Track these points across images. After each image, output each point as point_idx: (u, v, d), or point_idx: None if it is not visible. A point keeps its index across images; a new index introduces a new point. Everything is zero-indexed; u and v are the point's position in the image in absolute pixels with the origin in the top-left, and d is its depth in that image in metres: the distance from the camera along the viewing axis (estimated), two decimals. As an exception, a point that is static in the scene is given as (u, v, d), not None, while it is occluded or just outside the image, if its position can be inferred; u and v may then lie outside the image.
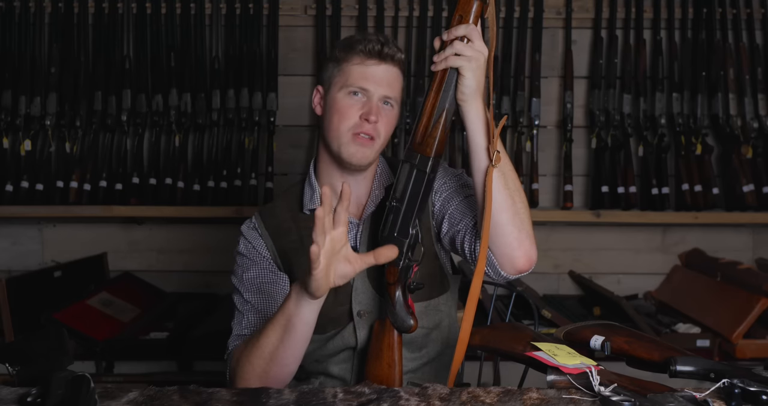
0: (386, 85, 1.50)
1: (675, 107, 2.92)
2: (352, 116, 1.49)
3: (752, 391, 1.08)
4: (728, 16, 2.95)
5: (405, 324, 1.43)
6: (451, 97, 1.36)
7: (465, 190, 1.56)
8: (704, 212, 2.85)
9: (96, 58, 2.89)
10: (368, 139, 1.50)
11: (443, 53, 1.35)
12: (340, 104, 1.50)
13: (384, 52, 1.50)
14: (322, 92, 1.56)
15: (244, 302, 1.54)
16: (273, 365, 1.37)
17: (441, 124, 1.37)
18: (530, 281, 2.94)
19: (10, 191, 2.78)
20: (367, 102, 1.49)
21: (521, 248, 1.40)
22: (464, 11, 1.35)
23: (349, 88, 1.49)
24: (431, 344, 1.58)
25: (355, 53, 1.50)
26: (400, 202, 1.41)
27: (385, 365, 1.44)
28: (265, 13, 2.92)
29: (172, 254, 3.04)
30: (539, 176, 2.89)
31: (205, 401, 1.16)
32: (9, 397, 1.17)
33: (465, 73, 1.33)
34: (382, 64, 1.50)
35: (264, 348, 1.37)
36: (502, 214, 1.38)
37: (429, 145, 1.38)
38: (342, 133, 1.49)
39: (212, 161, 2.85)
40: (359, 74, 1.49)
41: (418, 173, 1.40)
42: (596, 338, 1.31)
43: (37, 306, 2.48)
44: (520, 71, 2.93)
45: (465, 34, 1.33)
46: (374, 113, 1.48)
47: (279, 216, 1.59)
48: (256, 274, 1.55)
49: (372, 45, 1.49)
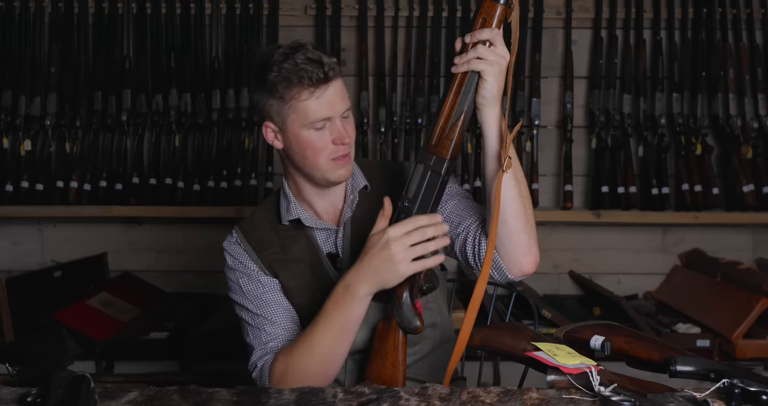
0: (341, 101, 1.47)
1: (675, 107, 2.92)
2: (327, 146, 1.47)
3: (752, 391, 1.08)
4: (728, 16, 2.95)
5: (412, 325, 1.43)
6: (470, 101, 1.36)
7: (459, 193, 1.57)
8: (704, 212, 2.85)
9: (96, 58, 2.89)
10: (345, 156, 1.50)
11: (465, 56, 1.33)
12: (310, 141, 1.46)
13: (327, 73, 1.43)
14: (275, 128, 1.49)
15: (254, 316, 1.54)
16: (330, 364, 1.43)
17: (459, 127, 1.36)
18: (530, 281, 2.94)
19: (10, 191, 2.78)
20: (334, 128, 1.47)
21: (531, 253, 1.43)
22: (488, 15, 1.33)
23: (313, 125, 1.45)
24: (424, 341, 1.59)
25: (300, 88, 1.43)
26: (412, 203, 1.41)
27: (389, 365, 1.45)
28: (265, 13, 2.92)
29: (172, 254, 3.04)
30: (539, 176, 2.89)
31: (205, 401, 1.16)
32: (9, 397, 1.17)
33: (487, 77, 1.33)
34: (331, 85, 1.45)
35: (320, 349, 1.42)
36: (516, 222, 1.39)
37: (445, 147, 1.37)
38: (322, 165, 1.48)
39: (212, 161, 2.85)
40: (316, 108, 1.44)
41: (432, 175, 1.39)
42: (596, 338, 1.31)
43: (37, 306, 2.48)
44: (520, 71, 2.93)
45: (489, 39, 1.32)
46: (344, 134, 1.47)
47: (259, 229, 1.60)
48: (254, 286, 1.56)
49: (314, 73, 1.42)
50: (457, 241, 1.50)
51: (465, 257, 1.50)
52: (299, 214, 1.55)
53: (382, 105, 2.91)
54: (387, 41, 2.95)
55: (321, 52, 1.45)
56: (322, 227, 1.56)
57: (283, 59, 1.43)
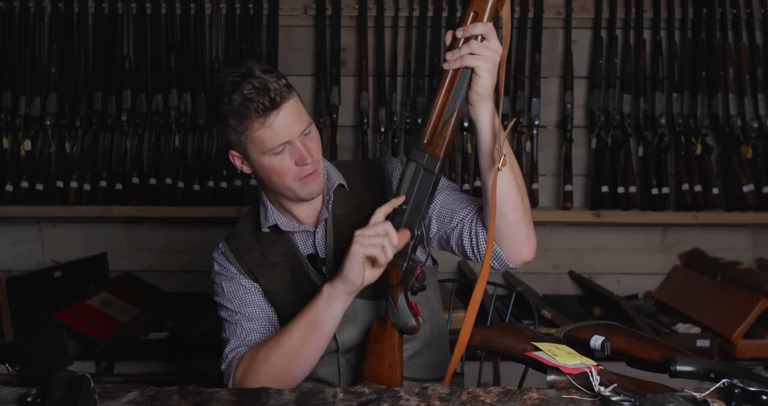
0: (296, 122, 1.44)
1: (675, 107, 2.92)
2: (290, 169, 1.46)
3: (752, 391, 1.09)
4: (728, 16, 2.95)
5: (408, 325, 1.43)
6: (463, 98, 1.33)
7: (447, 186, 1.57)
8: (704, 212, 2.85)
9: (96, 58, 2.89)
10: (312, 174, 1.49)
11: (458, 52, 1.30)
12: (273, 166, 1.45)
13: (274, 99, 1.40)
14: (240, 156, 1.49)
15: (234, 313, 1.57)
16: (295, 364, 1.43)
17: (451, 125, 1.35)
18: (530, 281, 2.94)
19: (10, 191, 2.78)
20: (294, 150, 1.45)
21: (530, 242, 1.44)
22: (479, 8, 1.30)
23: (272, 151, 1.43)
24: (414, 338, 1.58)
25: (250, 120, 1.40)
26: (406, 202, 1.40)
27: (386, 366, 1.45)
28: (265, 13, 2.92)
29: (172, 254, 3.04)
30: (539, 176, 2.89)
31: (205, 401, 1.16)
32: (9, 397, 1.17)
33: (481, 73, 1.30)
34: (281, 109, 1.41)
35: (286, 347, 1.43)
36: (515, 214, 1.40)
37: (438, 146, 1.36)
38: (290, 185, 1.48)
39: (212, 161, 2.85)
40: (271, 136, 1.42)
41: (425, 174, 1.38)
42: (596, 338, 1.31)
43: (37, 306, 2.48)
44: (520, 71, 2.93)
45: (482, 33, 1.29)
46: (305, 155, 1.45)
47: (242, 237, 1.62)
48: (236, 287, 1.59)
49: (259, 103, 1.39)
50: (452, 235, 1.50)
51: (463, 250, 1.50)
52: (276, 220, 1.56)
53: (382, 105, 2.91)
54: (387, 41, 2.95)
55: (267, 77, 1.41)
56: (299, 230, 1.58)
57: (232, 89, 1.41)
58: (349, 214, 1.55)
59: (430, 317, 1.62)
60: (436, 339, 1.64)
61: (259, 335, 1.54)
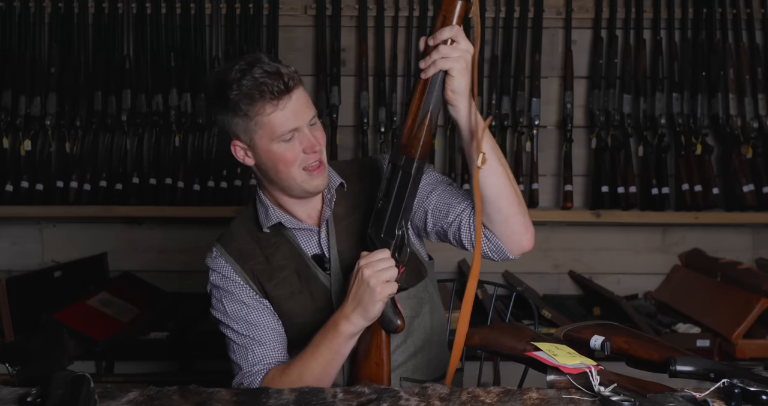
0: (306, 109, 1.46)
1: (675, 107, 2.91)
2: (297, 156, 1.46)
3: (752, 391, 1.09)
4: (728, 16, 2.95)
5: (392, 325, 1.45)
6: (437, 98, 1.35)
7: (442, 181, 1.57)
8: (704, 212, 2.85)
9: (96, 58, 2.89)
10: (318, 165, 1.49)
11: (430, 58, 1.33)
12: (280, 153, 1.46)
13: (288, 83, 1.42)
14: (244, 146, 1.49)
15: (242, 336, 1.55)
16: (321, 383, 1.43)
17: (425, 126, 1.37)
18: (530, 281, 2.94)
19: (10, 191, 2.78)
20: (303, 137, 1.46)
21: (528, 230, 1.45)
22: (448, 11, 1.33)
23: (281, 138, 1.44)
24: (416, 333, 1.59)
25: (263, 103, 1.42)
26: (386, 203, 1.42)
27: (373, 365, 1.46)
28: (265, 13, 2.92)
29: (172, 254, 3.04)
30: (539, 176, 2.89)
31: (205, 401, 1.16)
32: (9, 397, 1.17)
33: (454, 73, 1.32)
34: (292, 95, 1.43)
35: (314, 371, 1.45)
36: (511, 207, 1.41)
37: (414, 147, 1.38)
38: (295, 175, 1.48)
39: (212, 161, 2.85)
40: (282, 121, 1.43)
41: (403, 175, 1.40)
42: (596, 338, 1.31)
43: (37, 306, 2.48)
44: (520, 71, 2.93)
45: (450, 37, 1.32)
46: (314, 142, 1.47)
47: (239, 239, 1.60)
48: (239, 307, 1.56)
49: (274, 86, 1.41)
50: (449, 230, 1.51)
51: (461, 244, 1.51)
52: (279, 217, 1.55)
53: (382, 105, 2.91)
54: (387, 41, 2.95)
55: (278, 63, 1.44)
56: (303, 227, 1.56)
57: (241, 76, 1.42)
58: (347, 213, 1.55)
59: (431, 311, 1.62)
60: (437, 336, 1.64)
61: (272, 360, 1.53)
